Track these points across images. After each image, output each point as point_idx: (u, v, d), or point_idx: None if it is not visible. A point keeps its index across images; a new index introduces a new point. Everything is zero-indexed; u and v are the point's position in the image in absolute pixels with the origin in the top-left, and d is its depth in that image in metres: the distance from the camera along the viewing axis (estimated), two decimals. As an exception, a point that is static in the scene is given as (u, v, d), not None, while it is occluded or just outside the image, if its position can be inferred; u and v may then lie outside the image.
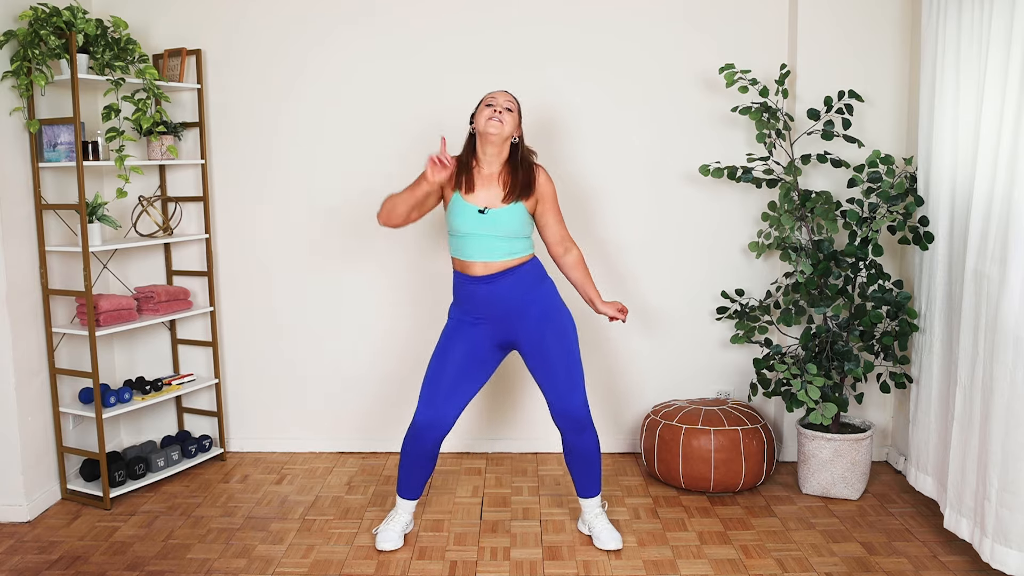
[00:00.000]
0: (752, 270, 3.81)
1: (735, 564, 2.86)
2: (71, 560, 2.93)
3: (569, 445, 2.96)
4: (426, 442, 2.89)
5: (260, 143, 3.83)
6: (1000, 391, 2.58)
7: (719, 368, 3.88)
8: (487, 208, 2.81)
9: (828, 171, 3.61)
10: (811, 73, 3.59)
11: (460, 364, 2.88)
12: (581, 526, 3.11)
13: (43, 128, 3.29)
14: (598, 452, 2.99)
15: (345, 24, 3.74)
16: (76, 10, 3.24)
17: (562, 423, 2.92)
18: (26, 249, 3.29)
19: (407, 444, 2.94)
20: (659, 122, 3.76)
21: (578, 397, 2.89)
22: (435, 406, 2.86)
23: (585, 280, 3.01)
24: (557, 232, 2.96)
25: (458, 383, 2.88)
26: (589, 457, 2.97)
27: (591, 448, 2.96)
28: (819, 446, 3.37)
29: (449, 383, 2.87)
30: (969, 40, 2.86)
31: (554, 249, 2.99)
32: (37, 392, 3.35)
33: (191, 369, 3.97)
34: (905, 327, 3.30)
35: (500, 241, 2.82)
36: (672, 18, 3.71)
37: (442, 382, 2.87)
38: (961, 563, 2.85)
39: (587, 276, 3.01)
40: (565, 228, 2.99)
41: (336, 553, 2.98)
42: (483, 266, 2.84)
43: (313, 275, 3.90)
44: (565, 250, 2.98)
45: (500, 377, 3.88)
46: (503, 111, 2.80)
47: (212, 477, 3.70)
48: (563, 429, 2.93)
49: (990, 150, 2.70)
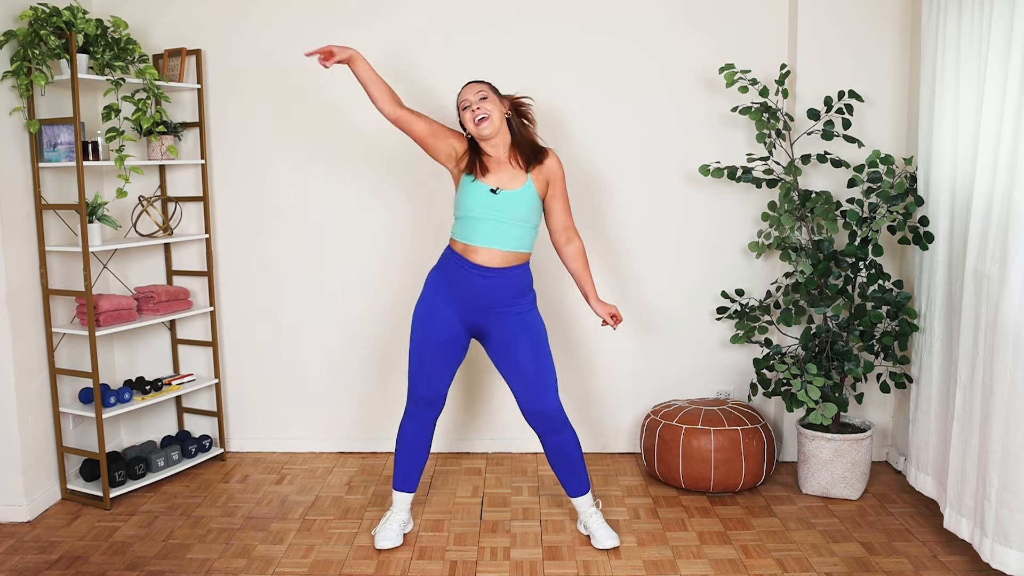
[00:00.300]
0: (752, 270, 3.81)
1: (735, 564, 2.86)
2: (71, 560, 2.93)
3: (548, 446, 2.97)
4: (423, 421, 2.94)
5: (260, 143, 3.84)
6: (1000, 391, 2.58)
7: (719, 368, 3.88)
8: (499, 188, 2.82)
9: (828, 171, 3.61)
10: (811, 73, 3.59)
11: (440, 343, 2.90)
12: (580, 527, 3.11)
13: (43, 128, 3.29)
14: (578, 451, 2.99)
15: (345, 24, 3.74)
16: (76, 10, 3.24)
17: (536, 423, 2.92)
18: (26, 249, 3.29)
19: (404, 428, 2.98)
20: (659, 122, 3.76)
21: (551, 397, 2.90)
22: (427, 383, 2.91)
23: (584, 272, 3.01)
24: (562, 220, 2.97)
25: (441, 361, 2.91)
26: (569, 456, 2.97)
27: (570, 447, 2.96)
28: (819, 446, 3.37)
29: (434, 361, 2.90)
30: (969, 40, 2.86)
31: (557, 237, 2.99)
32: (37, 392, 3.35)
33: (191, 369, 3.97)
34: (905, 327, 3.30)
35: (508, 226, 2.82)
36: (672, 18, 3.71)
37: (427, 360, 2.90)
38: (961, 563, 2.85)
39: (586, 269, 3.02)
40: (571, 217, 3.00)
41: (336, 553, 2.98)
42: (487, 253, 2.82)
43: (313, 275, 3.90)
44: (568, 239, 2.99)
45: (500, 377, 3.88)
46: (479, 106, 2.83)
47: (212, 477, 3.70)
48: (538, 429, 2.94)
49: (990, 150, 2.70)
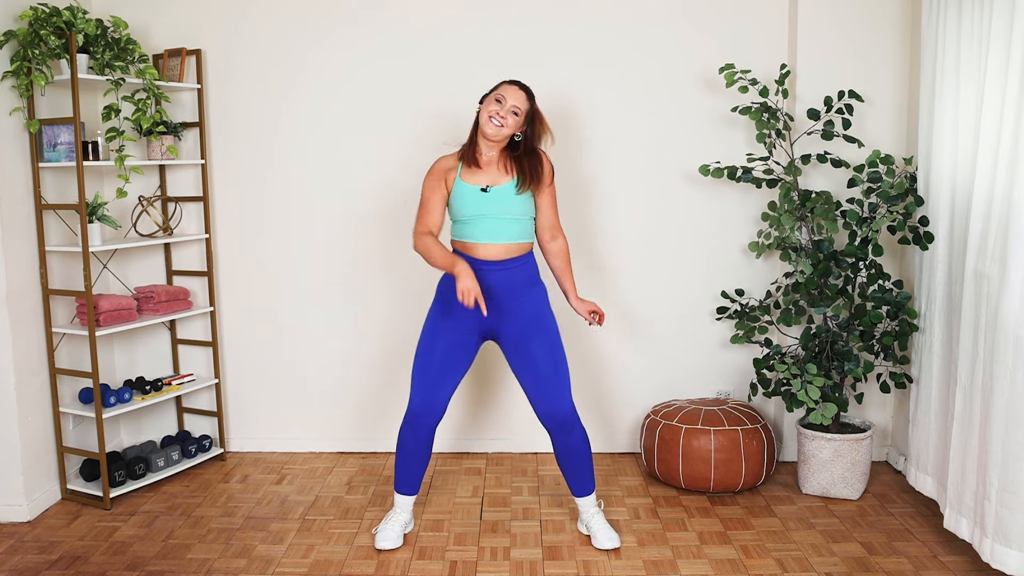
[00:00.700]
0: (752, 270, 3.81)
1: (735, 564, 2.86)
2: (71, 560, 2.93)
3: (559, 446, 2.97)
4: (422, 429, 2.93)
5: (260, 143, 3.84)
6: (1000, 391, 2.58)
7: (719, 368, 3.88)
8: (489, 186, 2.83)
9: (828, 171, 3.61)
10: (811, 73, 3.59)
11: (448, 351, 2.90)
12: (580, 526, 3.11)
13: (43, 128, 3.29)
14: (589, 450, 3.00)
15: (345, 24, 3.74)
16: (76, 10, 3.24)
17: (550, 424, 2.92)
18: (26, 249, 3.29)
19: (404, 434, 2.97)
20: (659, 122, 3.76)
21: (566, 398, 2.91)
22: (428, 392, 2.90)
23: (565, 270, 3.05)
24: (549, 218, 2.99)
25: (447, 369, 2.90)
26: (580, 456, 2.98)
27: (581, 447, 2.97)
28: (819, 446, 3.37)
29: (439, 369, 2.90)
30: (969, 40, 2.86)
31: (543, 235, 3.02)
32: (37, 392, 3.35)
33: (191, 369, 3.97)
34: (905, 327, 3.30)
35: (503, 222, 2.84)
36: (672, 18, 3.71)
37: (433, 368, 2.90)
38: (961, 563, 2.85)
39: (568, 266, 3.06)
40: (557, 216, 3.03)
41: (336, 553, 2.98)
42: (487, 248, 2.84)
43: (313, 275, 3.90)
44: (552, 237, 3.02)
45: (500, 377, 3.89)
46: (508, 115, 2.81)
47: (212, 477, 3.70)
48: (552, 430, 2.94)
49: (990, 150, 2.70)
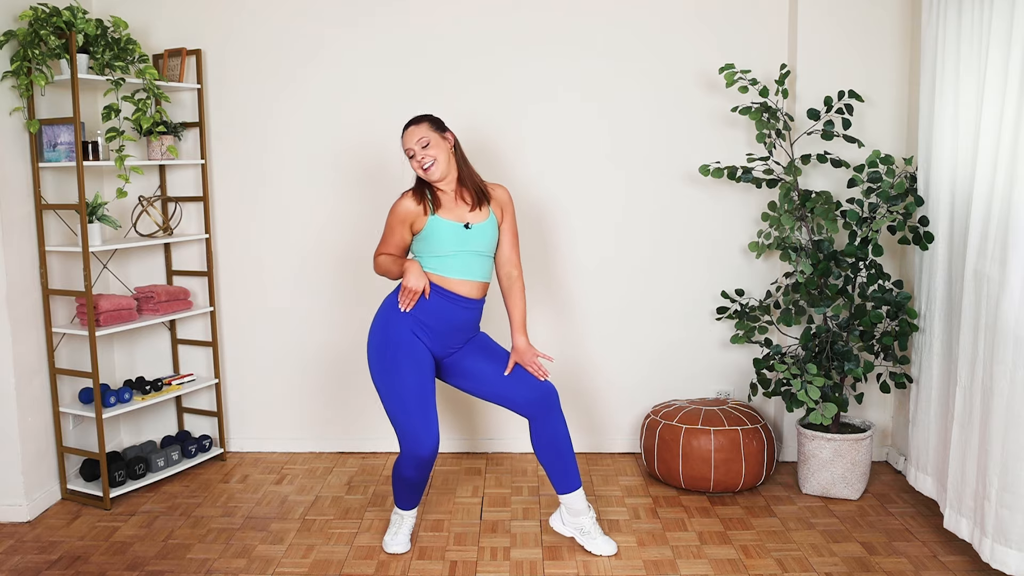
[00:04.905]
0: (752, 270, 3.81)
1: (735, 564, 2.86)
2: (71, 560, 2.93)
3: (545, 432, 2.89)
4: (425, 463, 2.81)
5: (260, 143, 3.83)
6: (1000, 391, 2.58)
7: (719, 368, 3.88)
8: (470, 224, 2.82)
9: (828, 171, 3.61)
10: (811, 73, 3.59)
11: (419, 383, 2.80)
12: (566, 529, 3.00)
13: (43, 128, 3.29)
14: (569, 436, 2.93)
15: (345, 24, 3.74)
16: (76, 10, 3.24)
17: (536, 407, 2.88)
18: (26, 249, 3.29)
19: (405, 472, 2.84)
20: (659, 122, 3.75)
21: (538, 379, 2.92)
22: (419, 430, 2.77)
23: (517, 305, 3.01)
24: (509, 252, 2.98)
25: (424, 400, 2.81)
26: (565, 439, 2.91)
27: (565, 429, 2.92)
28: (819, 446, 3.37)
29: (419, 405, 2.79)
30: (969, 40, 2.86)
31: (503, 269, 2.99)
32: (37, 392, 3.35)
33: (191, 369, 3.97)
34: (905, 327, 3.30)
35: (479, 259, 2.85)
36: (672, 18, 3.70)
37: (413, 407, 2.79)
38: (961, 563, 2.85)
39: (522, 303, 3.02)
40: (518, 250, 3.00)
41: (336, 553, 2.98)
42: (466, 284, 2.84)
43: (313, 275, 3.90)
44: (508, 274, 3.00)
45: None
46: (425, 154, 2.79)
47: (212, 477, 3.70)
48: (537, 414, 2.88)
49: (990, 150, 2.70)
